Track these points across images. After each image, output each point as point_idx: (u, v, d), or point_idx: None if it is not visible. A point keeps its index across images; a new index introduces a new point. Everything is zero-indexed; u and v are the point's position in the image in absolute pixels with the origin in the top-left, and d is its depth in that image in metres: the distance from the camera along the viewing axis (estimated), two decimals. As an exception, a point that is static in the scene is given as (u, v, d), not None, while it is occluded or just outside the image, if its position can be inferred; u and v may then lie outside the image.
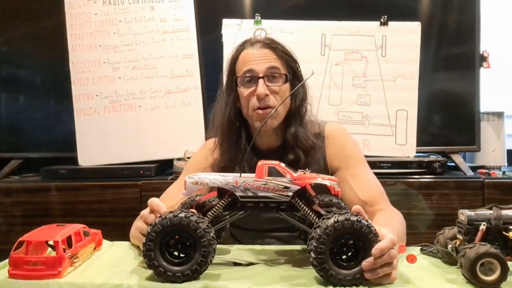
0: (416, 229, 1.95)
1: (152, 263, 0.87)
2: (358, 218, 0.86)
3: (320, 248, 0.85)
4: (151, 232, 0.87)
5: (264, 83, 1.26)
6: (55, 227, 1.03)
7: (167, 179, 2.07)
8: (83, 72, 2.22)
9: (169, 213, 0.88)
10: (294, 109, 1.32)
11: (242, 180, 0.93)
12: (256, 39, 1.33)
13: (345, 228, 0.85)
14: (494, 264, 0.85)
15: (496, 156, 2.24)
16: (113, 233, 1.23)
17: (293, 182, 0.92)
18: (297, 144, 1.29)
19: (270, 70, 1.27)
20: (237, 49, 1.34)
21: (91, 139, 2.20)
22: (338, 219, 0.85)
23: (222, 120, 1.33)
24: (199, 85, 2.20)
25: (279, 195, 0.92)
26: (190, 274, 0.88)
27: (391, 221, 1.16)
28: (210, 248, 0.88)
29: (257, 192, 0.92)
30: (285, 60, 1.31)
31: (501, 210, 0.94)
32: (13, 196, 2.09)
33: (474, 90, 2.18)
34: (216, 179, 0.94)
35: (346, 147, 1.36)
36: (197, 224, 0.87)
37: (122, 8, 2.22)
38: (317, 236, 0.85)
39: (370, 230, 0.86)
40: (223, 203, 0.95)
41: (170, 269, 0.88)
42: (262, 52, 1.28)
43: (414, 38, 2.14)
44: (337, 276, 0.85)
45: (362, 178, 1.32)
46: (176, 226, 0.87)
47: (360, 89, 2.17)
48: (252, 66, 1.27)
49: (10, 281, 0.91)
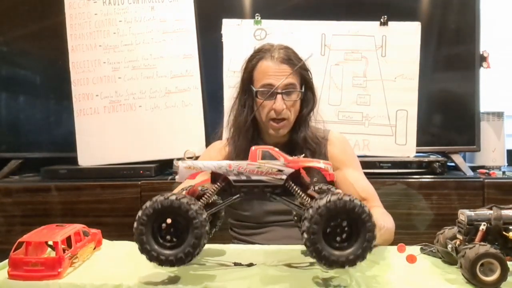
0: (416, 229, 1.95)
1: (144, 247, 0.86)
2: (350, 198, 0.84)
3: (313, 228, 0.83)
4: (142, 216, 0.85)
5: (282, 98, 1.35)
6: (55, 227, 1.03)
7: (167, 179, 2.07)
8: (83, 72, 2.21)
9: (160, 196, 0.86)
10: (304, 114, 1.43)
11: (236, 164, 0.92)
12: (275, 50, 1.39)
13: (337, 208, 0.83)
14: (494, 265, 0.85)
15: (496, 156, 2.24)
16: (113, 233, 1.23)
17: (287, 165, 0.92)
18: (305, 145, 1.41)
19: (288, 86, 1.37)
20: (256, 57, 1.41)
21: (91, 139, 2.19)
22: (330, 199, 0.83)
23: (240, 122, 1.43)
24: (199, 85, 2.20)
25: (272, 178, 0.91)
26: (183, 257, 0.86)
27: (384, 216, 1.33)
28: (202, 229, 0.85)
29: (251, 176, 0.91)
30: (300, 74, 1.40)
31: (501, 210, 0.94)
32: (13, 196, 2.09)
33: (474, 90, 2.18)
34: (210, 163, 0.94)
35: (347, 152, 1.50)
36: (188, 206, 0.85)
37: (122, 8, 2.22)
38: (309, 216, 0.83)
39: (363, 210, 0.83)
40: (216, 188, 0.94)
41: (162, 252, 0.86)
42: (281, 67, 1.36)
43: (414, 38, 2.14)
44: (330, 257, 0.83)
45: (359, 179, 1.45)
46: (168, 208, 0.85)
47: (360, 89, 2.16)
48: (271, 80, 1.36)
49: (9, 282, 0.91)
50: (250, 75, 1.41)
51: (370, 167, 2.02)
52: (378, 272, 0.96)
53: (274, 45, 1.42)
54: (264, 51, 1.40)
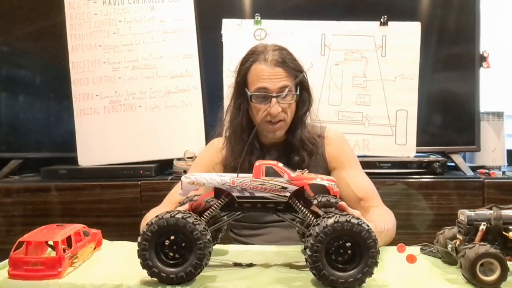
0: (416, 229, 1.95)
1: (146, 263, 0.86)
2: (359, 222, 0.84)
3: (317, 246, 0.83)
4: (147, 231, 0.86)
5: (277, 101, 1.33)
6: (55, 227, 1.03)
7: (167, 179, 2.07)
8: (83, 72, 2.22)
9: (166, 213, 0.87)
10: (300, 115, 1.41)
11: (239, 181, 0.92)
12: (269, 53, 1.36)
13: (344, 230, 0.84)
14: (494, 264, 0.85)
15: (496, 156, 2.24)
16: (113, 233, 1.23)
17: (290, 182, 0.91)
18: (302, 146, 1.39)
19: (283, 89, 1.34)
20: (249, 59, 1.38)
21: (91, 139, 2.20)
22: (338, 219, 0.84)
23: (235, 125, 1.41)
24: (199, 85, 2.20)
25: (276, 195, 0.91)
26: (184, 276, 0.86)
27: (383, 217, 1.28)
28: (205, 250, 0.86)
29: (254, 193, 0.92)
30: (295, 76, 1.37)
31: (501, 210, 0.94)
32: (13, 196, 2.09)
33: (474, 90, 2.18)
34: (213, 179, 0.93)
35: (344, 150, 1.47)
36: (193, 226, 0.86)
37: (122, 8, 2.22)
38: (315, 233, 0.84)
39: (369, 235, 0.84)
40: (219, 203, 0.94)
41: (164, 270, 0.87)
42: (275, 70, 1.34)
43: (414, 38, 2.14)
44: (330, 277, 0.84)
45: (358, 178, 1.42)
46: (173, 226, 0.86)
47: (360, 89, 2.17)
48: (265, 84, 1.33)
49: (10, 282, 0.91)
50: (244, 78, 1.38)
51: (370, 167, 2.03)
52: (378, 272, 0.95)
53: (268, 46, 1.39)
54: (257, 53, 1.37)
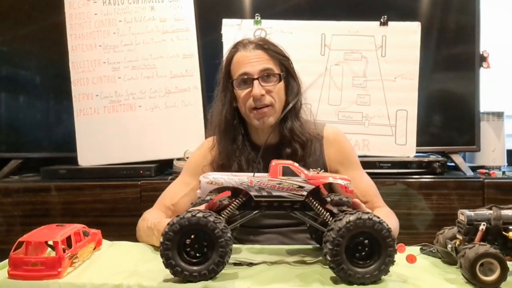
0: (416, 229, 1.95)
1: (169, 262, 0.88)
2: (369, 216, 0.87)
3: (338, 241, 0.86)
4: (169, 231, 0.88)
5: (259, 84, 1.31)
6: (55, 227, 1.03)
7: (167, 179, 2.07)
8: (83, 72, 2.21)
9: (187, 213, 0.89)
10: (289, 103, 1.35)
11: (257, 180, 0.94)
12: (248, 40, 1.37)
13: (358, 227, 0.87)
14: (493, 264, 0.85)
15: (496, 156, 2.24)
16: (113, 233, 1.23)
17: (307, 181, 0.93)
18: (293, 138, 1.35)
19: (264, 71, 1.32)
20: (231, 51, 1.38)
21: (91, 139, 2.19)
22: (350, 219, 0.87)
23: (220, 120, 1.39)
24: (199, 85, 2.20)
25: (293, 194, 0.93)
26: (207, 273, 0.88)
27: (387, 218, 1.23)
28: (227, 248, 0.89)
29: (272, 192, 0.93)
30: (278, 60, 1.36)
31: (500, 210, 0.94)
32: (13, 196, 2.09)
33: (474, 90, 2.18)
34: (231, 179, 0.95)
35: (345, 151, 1.43)
36: (215, 224, 0.88)
37: (122, 8, 2.22)
38: (331, 239, 0.86)
39: (389, 234, 0.87)
40: (237, 203, 0.96)
41: (187, 268, 0.88)
42: (255, 53, 1.34)
43: (414, 38, 2.14)
44: (348, 271, 0.86)
45: (361, 180, 1.40)
46: (194, 225, 0.88)
47: (360, 89, 2.16)
48: (246, 68, 1.32)
49: (9, 282, 0.91)
50: (227, 70, 1.37)
51: (370, 167, 2.02)
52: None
53: (251, 38, 1.39)
54: (238, 44, 1.37)
